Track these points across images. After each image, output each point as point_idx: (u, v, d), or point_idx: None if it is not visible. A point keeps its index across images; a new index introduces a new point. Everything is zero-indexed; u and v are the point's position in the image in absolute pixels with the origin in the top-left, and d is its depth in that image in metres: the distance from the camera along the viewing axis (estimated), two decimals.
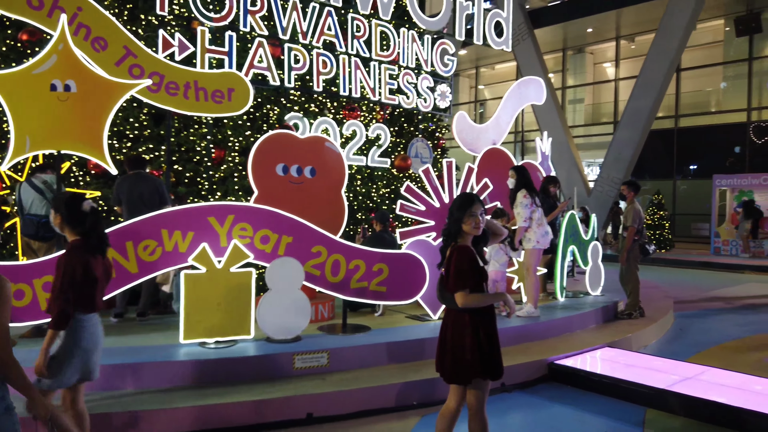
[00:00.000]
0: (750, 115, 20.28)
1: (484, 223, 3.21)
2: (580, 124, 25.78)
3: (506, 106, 9.14)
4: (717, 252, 16.26)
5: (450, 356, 3.16)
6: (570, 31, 23.74)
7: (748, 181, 16.48)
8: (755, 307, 9.10)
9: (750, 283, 11.85)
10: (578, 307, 6.91)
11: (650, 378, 4.93)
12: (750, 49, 20.33)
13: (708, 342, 6.82)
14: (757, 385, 4.86)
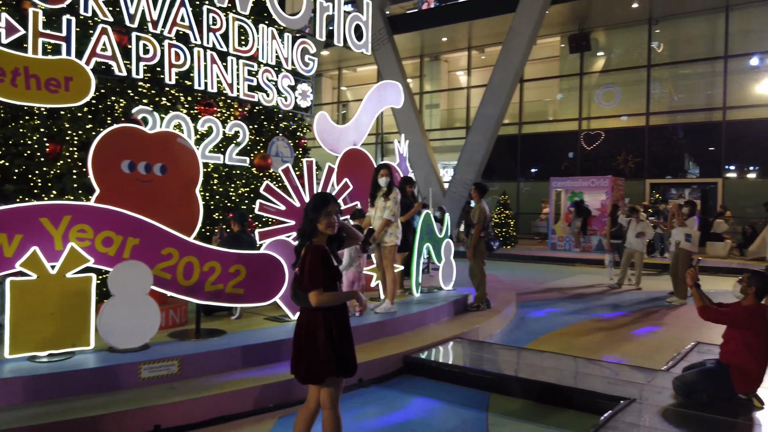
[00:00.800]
0: (581, 124, 22.73)
1: (339, 223, 3.25)
2: (436, 128, 27.12)
3: (366, 108, 9.34)
4: (553, 247, 18.00)
5: (304, 356, 3.17)
6: (427, 39, 24.89)
7: (579, 183, 18.44)
8: (584, 296, 10.22)
9: (580, 274, 13.26)
10: (432, 302, 7.27)
11: (494, 365, 5.34)
12: (581, 64, 22.77)
13: (544, 329, 7.53)
14: (584, 366, 5.46)
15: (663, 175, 21.08)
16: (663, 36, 21.48)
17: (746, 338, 4.32)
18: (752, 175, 19.54)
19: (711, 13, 20.08)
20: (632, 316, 8.45)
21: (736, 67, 19.44)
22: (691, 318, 7.83)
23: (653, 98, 21.34)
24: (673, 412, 4.22)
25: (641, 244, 10.78)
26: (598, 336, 7.19)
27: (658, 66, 21.31)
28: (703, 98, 20.69)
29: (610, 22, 21.91)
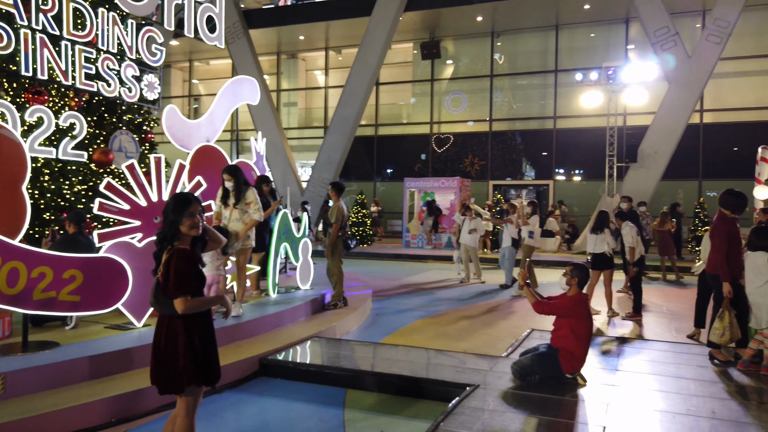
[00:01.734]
0: (432, 127, 23.93)
1: (203, 223, 3.12)
2: (294, 127, 26.92)
3: (220, 104, 8.99)
4: (407, 245, 18.75)
5: (164, 366, 3.00)
6: (284, 36, 24.60)
7: (430, 184, 19.41)
8: (435, 291, 10.77)
9: (432, 270, 13.96)
10: (289, 302, 7.21)
11: (350, 362, 5.44)
12: (432, 71, 23.97)
13: (399, 323, 7.83)
14: (435, 357, 5.76)
15: (504, 177, 22.91)
16: (504, 48, 23.35)
17: (572, 325, 4.85)
18: (578, 177, 21.97)
19: (544, 30, 22.23)
20: (479, 307, 9.08)
21: (564, 80, 21.70)
22: (528, 307, 8.61)
23: (495, 106, 23.11)
24: (512, 395, 4.61)
25: (474, 240, 11.54)
26: (449, 328, 7.62)
27: (499, 76, 23.11)
28: (538, 108, 22.85)
29: (458, 33, 23.34)
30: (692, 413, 4.25)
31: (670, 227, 12.66)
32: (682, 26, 17.93)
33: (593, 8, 19.96)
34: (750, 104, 19.72)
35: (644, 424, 4.05)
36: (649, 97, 18.16)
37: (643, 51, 19.24)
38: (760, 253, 5.31)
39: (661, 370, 5.38)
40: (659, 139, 16.50)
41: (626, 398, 4.57)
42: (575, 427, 3.98)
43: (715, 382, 5.02)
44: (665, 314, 8.58)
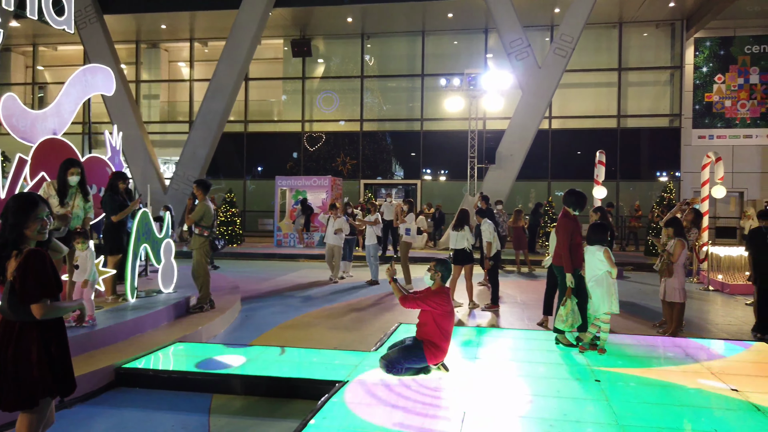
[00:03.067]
0: (304, 126, 23.81)
1: (51, 225, 2.89)
2: (156, 121, 25.41)
3: (69, 93, 8.23)
4: (279, 244, 18.49)
5: (11, 378, 2.72)
6: (143, 24, 23.09)
7: (302, 183, 19.30)
8: (306, 290, 10.73)
9: (304, 269, 13.89)
10: (150, 306, 6.80)
11: (217, 365, 5.26)
12: (303, 69, 23.84)
13: (269, 324, 7.70)
14: (306, 356, 5.74)
15: (375, 176, 23.42)
16: (374, 51, 23.86)
17: (436, 318, 5.09)
18: (443, 177, 23.06)
19: (411, 35, 23.05)
20: (350, 305, 9.20)
21: (430, 84, 22.68)
22: (396, 303, 8.89)
23: (366, 106, 23.55)
24: (380, 387, 4.73)
25: (339, 240, 11.64)
26: (320, 326, 7.64)
27: (370, 77, 23.58)
28: (406, 110, 23.64)
29: (329, 32, 23.45)
30: (541, 394, 4.65)
31: (523, 224, 13.74)
32: (534, 39, 19.53)
33: (456, 17, 21.07)
34: (590, 113, 21.99)
35: (500, 407, 4.36)
36: (506, 103, 19.54)
37: (501, 60, 20.65)
38: (597, 247, 5.94)
39: (515, 356, 5.83)
40: (514, 142, 17.82)
41: (485, 384, 4.89)
42: (438, 414, 4.19)
43: (560, 364, 5.54)
44: (519, 304, 9.30)
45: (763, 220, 7.42)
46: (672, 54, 21.57)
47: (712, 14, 18.96)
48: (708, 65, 21.06)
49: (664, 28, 21.64)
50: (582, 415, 4.18)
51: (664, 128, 21.57)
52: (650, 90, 22.18)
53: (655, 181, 21.44)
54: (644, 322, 8.00)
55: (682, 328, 7.28)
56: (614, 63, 21.73)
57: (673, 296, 7.05)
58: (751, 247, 7.42)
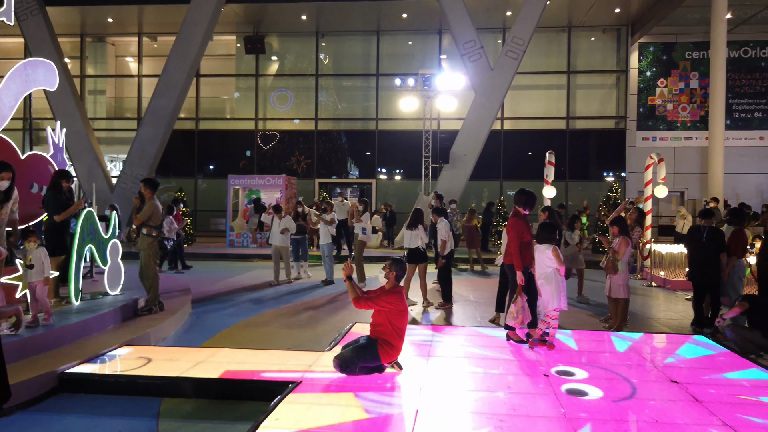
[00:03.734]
0: (257, 124, 23.48)
1: None
2: (102, 117, 24.59)
3: (9, 88, 7.86)
4: (232, 244, 18.18)
5: None
6: (89, 17, 22.28)
7: (256, 181, 19.03)
8: (260, 290, 10.60)
9: (257, 269, 13.71)
10: (96, 309, 6.58)
11: (166, 369, 5.13)
12: (257, 66, 23.50)
13: (221, 326, 7.57)
14: (259, 357, 5.66)
15: (330, 176, 23.32)
16: (329, 49, 23.74)
17: (390, 317, 5.11)
18: (398, 177, 23.17)
19: (366, 34, 23.05)
20: (304, 304, 9.14)
21: (385, 84, 22.74)
22: (350, 302, 8.89)
23: (321, 105, 23.41)
24: (333, 387, 4.72)
25: (285, 240, 11.53)
26: (274, 327, 7.56)
27: (325, 76, 23.45)
28: (361, 109, 23.64)
29: (283, 30, 23.20)
30: (491, 389, 4.74)
31: (476, 223, 13.96)
32: (486, 41, 19.84)
33: (410, 18, 21.20)
34: (540, 114, 22.53)
35: (452, 403, 4.42)
36: (460, 103, 19.80)
37: (454, 61, 20.90)
38: (546, 246, 6.10)
39: (467, 353, 5.92)
40: (468, 142, 18.07)
41: (437, 381, 4.95)
42: (391, 412, 4.21)
43: (510, 360, 5.66)
44: (472, 302, 9.45)
45: (703, 219, 7.72)
46: (618, 58, 22.32)
47: (655, 20, 19.72)
48: (651, 69, 21.89)
49: (611, 33, 22.37)
50: (531, 409, 4.28)
51: (610, 130, 22.30)
52: (597, 93, 22.90)
53: (602, 181, 22.14)
54: (591, 317, 8.26)
55: (626, 322, 7.55)
56: (563, 66, 22.33)
57: (617, 292, 7.30)
58: (690, 245, 7.76)
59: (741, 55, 21.28)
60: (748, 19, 19.66)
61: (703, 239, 7.45)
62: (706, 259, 7.42)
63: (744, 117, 21.34)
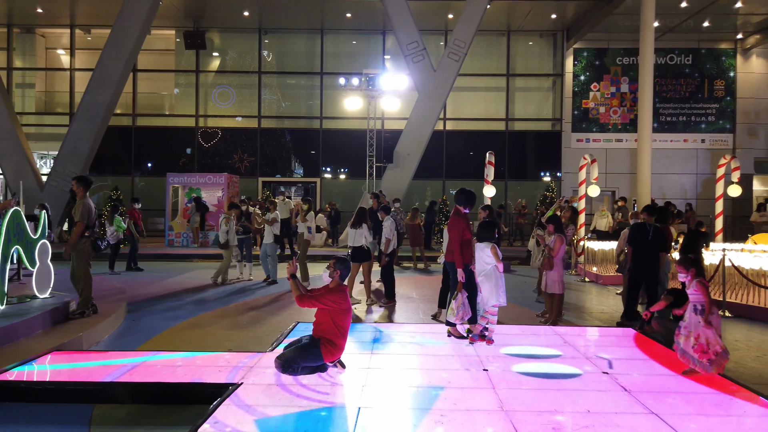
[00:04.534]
0: (198, 121, 22.90)
1: None
2: (31, 112, 23.39)
3: None
4: (171, 244, 17.68)
5: None
6: (16, 7, 21.14)
7: (196, 180, 18.59)
8: (201, 291, 10.37)
9: (199, 269, 13.40)
10: (23, 313, 6.27)
11: (99, 374, 4.95)
12: (197, 62, 22.91)
13: (158, 328, 7.36)
14: (198, 360, 5.54)
15: (273, 174, 23.03)
16: (272, 46, 23.44)
17: (333, 315, 5.12)
18: (343, 176, 23.14)
19: (310, 32, 22.89)
20: (247, 304, 9.00)
21: (329, 83, 22.65)
22: (294, 301, 8.83)
23: (264, 103, 23.09)
24: (274, 388, 4.69)
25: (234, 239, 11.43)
26: (215, 328, 7.42)
27: (268, 73, 23.14)
28: (305, 107, 23.47)
29: (225, 25, 22.73)
30: (433, 385, 4.83)
31: (419, 221, 14.14)
32: (429, 42, 20.09)
33: (354, 17, 21.21)
34: (481, 115, 23.03)
35: (394, 399, 4.48)
36: (403, 104, 19.99)
37: (398, 61, 21.06)
38: (485, 244, 6.26)
39: (410, 350, 6.00)
40: (411, 142, 18.26)
41: (380, 378, 5.00)
42: (333, 411, 4.22)
43: (451, 355, 5.78)
44: (414, 300, 9.58)
45: (648, 215, 7.95)
46: (554, 62, 23.09)
47: (588, 27, 20.52)
48: (585, 74, 22.77)
49: (547, 38, 23.12)
50: (471, 403, 4.39)
51: (547, 131, 23.05)
52: (535, 95, 23.61)
53: (539, 181, 22.85)
54: (528, 312, 8.54)
55: (561, 317, 7.84)
56: (503, 69, 22.89)
57: (553, 288, 7.58)
58: (633, 242, 7.82)
59: (667, 61, 22.47)
60: (674, 27, 20.78)
61: (649, 237, 7.58)
62: (651, 256, 7.58)
63: (670, 120, 22.53)
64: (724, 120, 22.56)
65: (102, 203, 19.18)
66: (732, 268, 9.15)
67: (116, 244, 12.81)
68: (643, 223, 7.83)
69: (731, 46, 22.56)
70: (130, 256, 13.04)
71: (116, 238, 12.75)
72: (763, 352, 6.46)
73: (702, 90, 22.57)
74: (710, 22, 20.62)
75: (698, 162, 22.55)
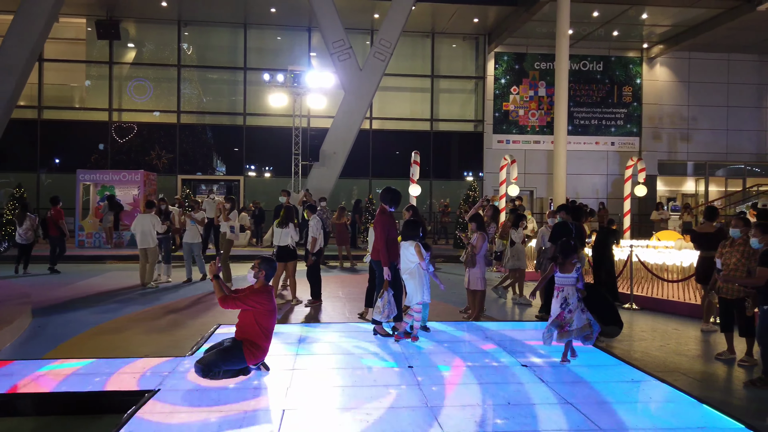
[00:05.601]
0: (112, 115, 21.73)
1: None
2: None
3: None
4: (81, 245, 16.69)
5: None
6: None
7: (110, 177, 17.64)
8: (116, 293, 9.84)
9: (113, 271, 12.71)
10: None
11: (0, 385, 4.58)
12: (111, 53, 21.74)
13: (68, 334, 6.91)
14: (111, 366, 5.23)
15: (194, 172, 22.25)
16: (192, 39, 22.62)
17: (257, 317, 4.99)
18: (268, 174, 22.71)
19: (233, 26, 22.29)
20: (165, 307, 8.63)
21: (253, 79, 22.14)
22: (214, 301, 8.56)
23: (184, 97, 22.25)
24: (193, 393, 4.52)
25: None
26: (131, 332, 7.06)
27: (188, 67, 22.31)
28: (228, 103, 22.82)
29: (141, 15, 21.67)
30: (358, 384, 4.83)
31: (346, 220, 14.12)
32: (355, 41, 20.11)
33: (279, 13, 20.86)
34: (407, 115, 23.31)
35: (319, 400, 4.44)
36: (329, 102, 19.89)
37: (324, 59, 20.92)
38: (410, 242, 6.33)
39: (336, 350, 5.97)
40: (337, 141, 18.20)
41: (305, 379, 4.94)
42: (257, 415, 4.13)
43: (377, 353, 5.80)
44: (341, 298, 9.54)
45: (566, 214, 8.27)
46: (476, 65, 23.73)
47: (508, 32, 21.24)
48: (506, 77, 23.56)
49: (470, 41, 23.73)
50: (396, 401, 4.42)
51: (470, 132, 23.66)
52: (458, 97, 24.17)
53: (462, 180, 23.42)
54: (452, 308, 8.72)
55: (483, 312, 8.07)
56: (428, 70, 23.27)
57: (475, 285, 7.77)
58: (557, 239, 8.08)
59: (581, 67, 23.66)
60: (587, 35, 21.91)
61: (573, 234, 7.86)
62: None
63: (583, 124, 23.74)
64: (632, 124, 24.03)
65: (3, 201, 17.82)
66: (639, 263, 9.75)
67: (29, 245, 12.02)
68: (565, 221, 8.22)
69: (638, 55, 24.06)
70: (54, 257, 12.36)
71: (27, 239, 11.98)
72: (666, 341, 6.92)
73: (612, 95, 23.93)
74: (619, 32, 21.90)
75: (608, 163, 23.89)
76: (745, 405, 4.77)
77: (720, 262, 5.90)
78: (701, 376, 5.56)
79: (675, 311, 8.65)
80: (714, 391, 5.08)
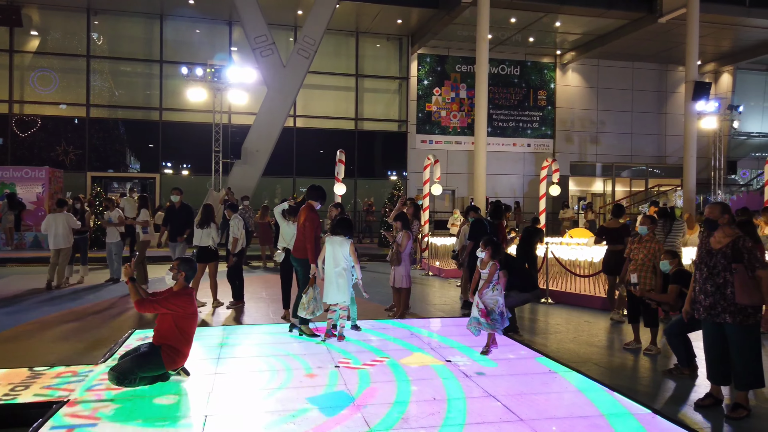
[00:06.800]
0: (12, 107, 20.19)
1: None
2: None
3: None
4: None
5: None
6: None
7: (10, 174, 16.40)
8: (18, 298, 9.14)
9: (14, 275, 11.83)
10: None
11: None
12: (11, 41, 20.18)
13: None
14: (11, 377, 4.86)
15: (105, 169, 21.10)
16: (103, 29, 21.39)
17: (177, 320, 4.79)
18: (186, 171, 21.88)
19: (148, 17, 21.30)
20: (76, 312, 8.11)
21: (170, 72, 21.26)
22: (129, 305, 8.15)
23: (94, 90, 21.03)
24: (105, 404, 4.27)
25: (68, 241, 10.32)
26: (34, 341, 6.57)
27: (98, 58, 21.10)
28: (143, 97, 21.79)
29: (46, 2, 20.25)
30: (284, 386, 4.74)
31: (269, 219, 13.87)
32: (278, 37, 19.76)
33: (198, 4, 20.14)
34: (332, 114, 23.20)
35: (244, 404, 4.31)
36: (252, 98, 19.44)
37: (246, 54, 20.42)
38: (343, 241, 6.29)
39: (259, 352, 5.84)
40: (260, 138, 17.84)
41: (228, 384, 4.79)
42: (177, 423, 3.96)
43: (303, 354, 5.72)
44: (264, 299, 9.36)
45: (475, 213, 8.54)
46: (400, 66, 24.00)
47: (431, 34, 21.63)
48: (428, 79, 23.99)
49: (394, 42, 23.96)
50: (323, 402, 4.38)
51: (394, 132, 23.89)
52: (383, 97, 24.35)
53: (386, 180, 23.62)
54: (378, 307, 8.76)
55: (408, 309, 8.16)
56: (352, 69, 23.27)
57: (401, 283, 7.84)
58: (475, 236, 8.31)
59: (500, 71, 24.49)
60: (505, 40, 22.71)
61: (488, 231, 8.19)
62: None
63: (501, 126, 24.59)
64: (546, 127, 25.16)
65: None
66: (554, 259, 10.22)
67: None
68: (481, 219, 8.50)
69: (552, 61, 25.22)
70: None
71: None
72: (579, 333, 7.29)
73: (528, 99, 24.93)
74: (535, 38, 22.86)
75: (525, 164, 24.88)
76: (651, 391, 5.10)
77: (635, 276, 6.26)
78: (611, 365, 5.90)
79: (587, 304, 9.14)
80: (623, 379, 5.40)
